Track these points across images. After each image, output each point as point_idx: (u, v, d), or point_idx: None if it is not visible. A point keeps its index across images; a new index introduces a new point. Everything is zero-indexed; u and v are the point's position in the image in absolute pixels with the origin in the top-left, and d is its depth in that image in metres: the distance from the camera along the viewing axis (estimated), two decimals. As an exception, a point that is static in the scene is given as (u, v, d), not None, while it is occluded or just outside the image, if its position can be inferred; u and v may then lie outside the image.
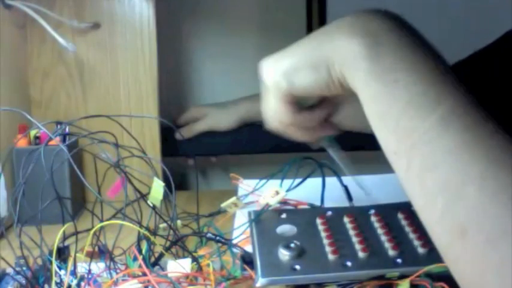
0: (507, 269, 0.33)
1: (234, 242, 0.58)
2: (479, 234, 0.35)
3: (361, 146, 1.05)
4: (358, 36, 0.43)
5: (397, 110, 0.41)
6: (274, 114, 0.53)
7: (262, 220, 0.59)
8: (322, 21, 1.17)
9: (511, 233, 0.34)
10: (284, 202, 0.63)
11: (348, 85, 0.45)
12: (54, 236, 0.51)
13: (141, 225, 0.52)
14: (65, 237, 0.54)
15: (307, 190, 0.65)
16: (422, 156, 0.39)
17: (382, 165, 0.46)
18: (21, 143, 0.80)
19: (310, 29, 1.15)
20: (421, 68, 0.41)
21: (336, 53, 0.45)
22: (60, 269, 0.52)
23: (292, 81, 0.49)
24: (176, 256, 0.57)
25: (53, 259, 0.50)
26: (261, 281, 0.49)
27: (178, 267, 0.51)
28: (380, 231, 0.55)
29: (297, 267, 0.50)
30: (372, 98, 0.43)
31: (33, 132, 0.80)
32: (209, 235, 0.59)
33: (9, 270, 0.54)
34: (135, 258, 0.52)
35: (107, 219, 0.53)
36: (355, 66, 0.43)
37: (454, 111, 0.39)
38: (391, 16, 0.45)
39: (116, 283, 0.49)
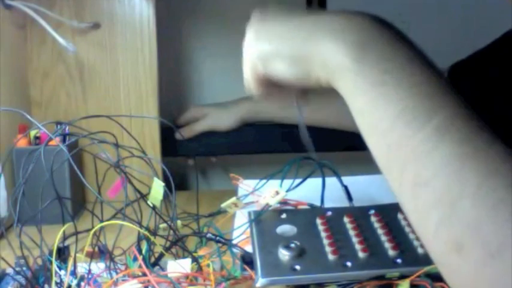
0: (504, 284, 0.32)
1: (234, 242, 0.58)
2: (476, 249, 0.34)
3: (356, 147, 1.05)
4: (347, 45, 0.41)
5: (386, 124, 0.39)
6: (248, 84, 0.52)
7: (262, 220, 0.59)
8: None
9: (509, 247, 0.32)
10: (284, 202, 0.63)
11: (331, 86, 0.44)
12: (54, 236, 0.51)
13: (141, 226, 0.52)
14: (65, 237, 0.54)
15: (307, 190, 0.65)
16: (414, 170, 0.37)
17: (376, 165, 0.45)
18: (21, 143, 0.80)
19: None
20: (412, 81, 0.39)
21: (321, 57, 0.43)
22: (60, 269, 0.52)
23: (268, 69, 0.47)
24: (176, 256, 0.57)
25: (53, 259, 0.50)
26: (261, 281, 0.49)
27: (178, 267, 0.51)
28: (380, 231, 0.55)
29: (297, 267, 0.50)
30: (360, 111, 0.41)
31: (33, 132, 0.80)
32: (209, 235, 0.59)
33: (9, 270, 0.54)
34: (135, 259, 0.52)
35: (107, 220, 0.53)
36: (341, 77, 0.42)
37: (447, 123, 0.37)
38: (383, 22, 0.43)
39: (116, 283, 0.49)
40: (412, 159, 0.38)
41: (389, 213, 0.58)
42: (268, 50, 0.47)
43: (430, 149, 0.37)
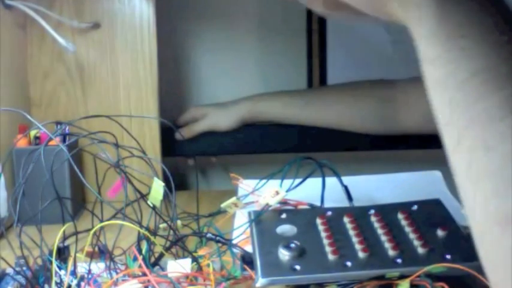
0: None
1: (234, 242, 0.58)
2: None
3: (356, 147, 1.06)
4: None
5: (456, 80, 0.36)
6: None
7: (262, 220, 0.59)
8: (322, 20, 1.17)
9: None
10: (284, 202, 0.63)
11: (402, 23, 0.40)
12: (54, 236, 0.51)
13: (141, 225, 0.52)
14: (65, 237, 0.54)
15: (307, 190, 0.65)
16: (476, 134, 0.35)
17: (376, 165, 0.44)
18: (21, 143, 0.80)
19: (310, 28, 1.15)
20: (495, 39, 0.36)
21: None
22: (60, 269, 0.52)
23: None
24: (176, 256, 0.57)
25: (53, 259, 0.50)
26: (261, 281, 0.49)
27: (178, 267, 0.51)
28: (380, 231, 0.55)
29: (297, 267, 0.50)
30: (431, 61, 0.38)
31: (33, 132, 0.80)
32: (209, 235, 0.59)
33: (9, 270, 0.54)
34: (135, 258, 0.52)
35: (107, 219, 0.53)
36: (421, 18, 0.38)
37: None
38: None
39: (115, 283, 0.49)
40: (476, 122, 0.35)
41: (389, 213, 0.58)
42: None
43: (499, 115, 0.34)
